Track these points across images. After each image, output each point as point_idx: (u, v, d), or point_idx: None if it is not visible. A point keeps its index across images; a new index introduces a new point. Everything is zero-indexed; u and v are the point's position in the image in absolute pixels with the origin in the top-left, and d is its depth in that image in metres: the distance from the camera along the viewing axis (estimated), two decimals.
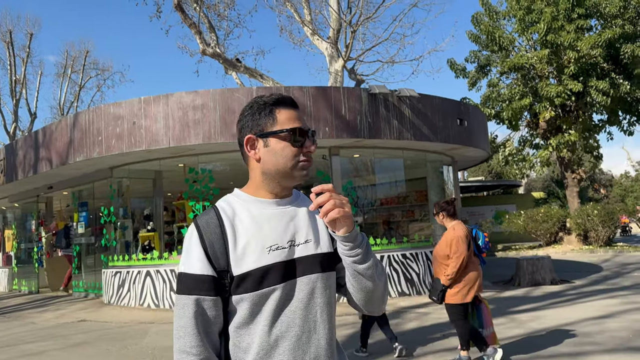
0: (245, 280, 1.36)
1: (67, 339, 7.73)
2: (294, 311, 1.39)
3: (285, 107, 1.47)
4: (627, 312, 7.42)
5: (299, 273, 1.41)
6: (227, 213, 1.44)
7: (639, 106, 20.06)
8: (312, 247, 1.44)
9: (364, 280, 1.41)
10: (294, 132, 1.44)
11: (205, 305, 1.37)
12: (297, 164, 1.45)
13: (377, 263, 1.44)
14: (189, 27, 15.54)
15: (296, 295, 1.40)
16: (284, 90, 9.66)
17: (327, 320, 1.43)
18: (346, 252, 1.39)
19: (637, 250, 18.11)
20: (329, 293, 1.45)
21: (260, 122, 1.46)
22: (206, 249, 1.38)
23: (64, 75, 32.83)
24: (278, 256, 1.39)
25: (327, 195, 1.33)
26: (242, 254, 1.38)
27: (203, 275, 1.37)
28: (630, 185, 50.56)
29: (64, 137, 10.93)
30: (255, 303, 1.37)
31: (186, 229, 10.79)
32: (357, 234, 1.38)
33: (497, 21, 20.86)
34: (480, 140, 12.24)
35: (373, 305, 1.49)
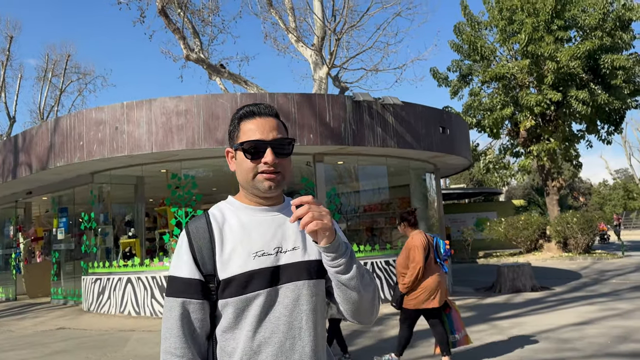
0: (230, 284, 1.39)
1: (46, 347, 7.59)
2: (278, 317, 1.40)
3: (251, 118, 1.49)
4: (605, 318, 7.54)
5: (284, 280, 1.42)
6: (217, 219, 1.48)
7: (617, 116, 20.47)
8: (300, 254, 1.45)
9: (348, 291, 1.40)
10: (247, 144, 1.45)
11: (191, 308, 1.41)
12: (256, 177, 1.45)
13: (363, 274, 1.42)
14: (173, 32, 15.48)
15: (281, 301, 1.41)
16: (268, 97, 9.66)
17: (312, 328, 1.43)
18: (328, 262, 1.38)
19: (615, 257, 18.42)
20: (316, 300, 1.45)
21: (232, 135, 1.53)
22: (194, 253, 1.42)
23: (45, 79, 32.41)
24: (263, 262, 1.41)
25: (306, 208, 1.32)
26: (228, 259, 1.41)
27: (190, 279, 1.41)
28: (608, 193, 51.50)
29: (44, 141, 10.78)
30: (239, 308, 1.39)
31: (168, 235, 10.75)
32: (339, 244, 1.36)
33: (479, 31, 21.16)
34: (462, 148, 12.37)
35: (361, 316, 1.47)
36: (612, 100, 18.70)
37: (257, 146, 1.44)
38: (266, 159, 1.43)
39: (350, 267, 1.38)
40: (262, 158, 1.44)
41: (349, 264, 1.37)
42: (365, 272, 1.44)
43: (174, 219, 10.19)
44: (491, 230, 21.11)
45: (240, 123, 1.50)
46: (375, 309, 1.48)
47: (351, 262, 1.38)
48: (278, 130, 1.48)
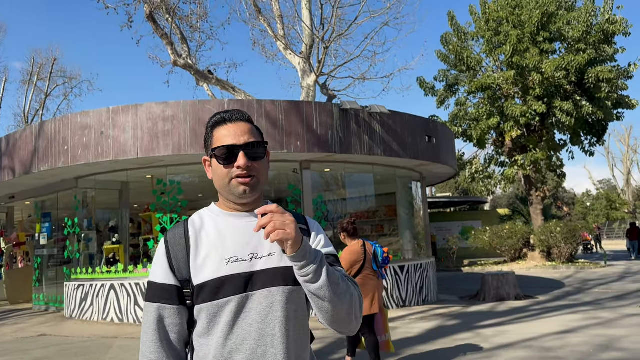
0: (203, 290, 1.40)
1: (26, 354, 7.47)
2: (250, 324, 1.39)
3: (222, 124, 1.49)
4: (588, 327, 7.62)
5: (258, 286, 1.40)
6: (195, 226, 1.50)
7: (600, 128, 20.79)
8: (275, 261, 1.43)
9: (319, 300, 1.37)
10: (219, 151, 1.45)
11: (166, 313, 1.44)
12: (231, 181, 1.45)
13: (337, 283, 1.37)
14: (161, 37, 15.44)
15: (254, 308, 1.40)
16: (255, 103, 9.67)
17: (286, 335, 1.41)
18: (296, 271, 1.35)
19: (597, 267, 18.65)
20: (291, 307, 1.43)
21: (207, 144, 1.53)
22: (170, 260, 1.45)
23: (30, 83, 32.07)
24: (236, 268, 1.41)
25: (268, 217, 1.30)
26: (201, 264, 1.42)
27: (165, 284, 1.44)
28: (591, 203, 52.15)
29: (28, 145, 10.66)
30: (211, 314, 1.40)
31: (152, 241, 10.66)
32: (305, 254, 1.32)
33: (465, 42, 21.40)
34: (448, 157, 12.47)
35: (338, 325, 1.43)
36: (596, 111, 19.00)
37: (229, 151, 1.44)
38: (238, 163, 1.43)
39: (319, 277, 1.33)
40: (234, 163, 1.44)
41: (317, 273, 1.33)
42: (341, 280, 1.39)
43: (159, 225, 10.12)
44: (476, 239, 21.25)
45: (213, 130, 1.51)
46: (353, 319, 1.43)
47: (320, 271, 1.34)
48: (250, 134, 1.48)
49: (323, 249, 1.51)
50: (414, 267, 11.01)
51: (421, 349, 6.68)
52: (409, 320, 9.01)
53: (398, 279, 10.55)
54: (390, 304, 10.33)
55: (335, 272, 1.40)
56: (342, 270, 1.47)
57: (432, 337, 7.36)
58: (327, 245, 1.54)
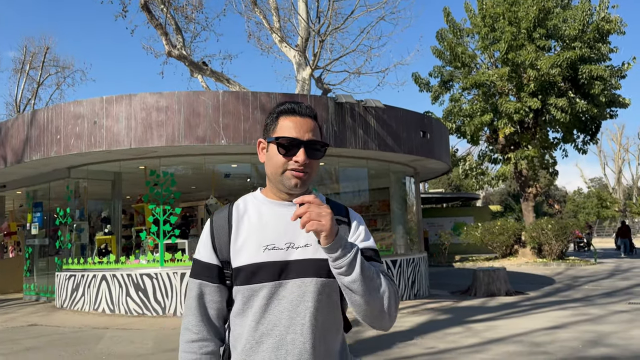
0: (240, 273, 1.46)
1: (17, 343, 7.44)
2: (281, 311, 1.43)
3: (291, 115, 1.52)
4: (577, 323, 7.69)
5: (292, 275, 1.44)
6: (239, 210, 1.55)
7: (593, 126, 20.90)
8: (311, 252, 1.46)
9: (351, 294, 1.39)
10: (283, 140, 1.48)
11: (206, 290, 1.52)
12: (285, 172, 1.48)
13: (371, 277, 1.39)
14: (155, 27, 15.32)
15: (286, 296, 1.43)
16: (250, 95, 9.63)
17: (315, 325, 1.43)
18: (331, 263, 1.38)
19: (587, 264, 18.80)
20: (323, 299, 1.45)
21: (268, 128, 1.56)
22: (213, 240, 1.52)
23: (22, 71, 31.77)
24: (272, 256, 1.45)
25: (305, 207, 1.34)
26: (240, 248, 1.48)
27: (207, 263, 1.52)
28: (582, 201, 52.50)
29: (20, 134, 10.57)
30: (246, 297, 1.45)
31: (145, 232, 10.62)
32: (339, 246, 1.35)
33: (460, 38, 21.40)
34: (442, 153, 12.49)
35: (371, 320, 1.44)
36: (590, 108, 19.08)
37: (292, 144, 1.47)
38: (298, 158, 1.46)
39: (352, 270, 1.36)
40: (294, 156, 1.47)
41: (350, 267, 1.36)
42: (376, 276, 1.41)
43: (152, 217, 10.08)
44: (468, 235, 21.36)
45: (279, 118, 1.53)
46: (387, 316, 1.43)
47: (354, 265, 1.36)
48: (314, 132, 1.52)
49: (362, 242, 1.52)
50: (406, 261, 11.05)
51: (412, 342, 6.71)
52: (400, 314, 9.05)
53: (390, 274, 10.58)
54: None
55: (370, 267, 1.41)
56: (380, 265, 1.48)
57: (424, 331, 7.40)
58: (367, 238, 1.54)
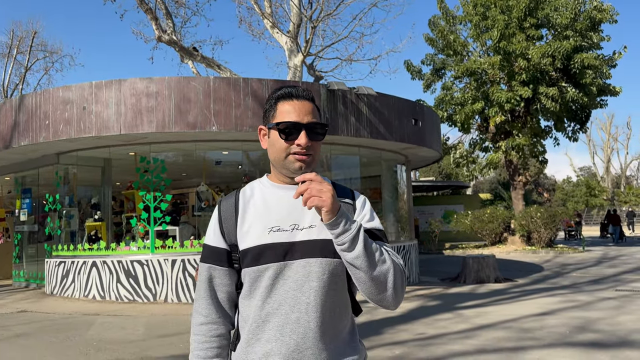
0: (247, 256, 1.49)
1: (7, 329, 7.41)
2: (287, 290, 1.46)
3: (289, 99, 1.53)
4: (565, 309, 7.80)
5: (297, 255, 1.46)
6: (245, 195, 1.59)
7: (583, 114, 21.02)
8: (315, 233, 1.48)
9: (355, 270, 1.41)
10: (283, 125, 1.49)
11: (215, 273, 1.56)
12: (288, 157, 1.50)
13: (373, 254, 1.41)
14: (145, 12, 15.14)
15: (291, 276, 1.46)
16: (242, 81, 9.56)
17: (320, 305, 1.45)
18: (334, 240, 1.40)
19: (576, 252, 19.02)
20: (328, 279, 1.46)
21: (267, 114, 1.57)
22: (222, 225, 1.56)
23: (9, 56, 31.31)
24: (277, 237, 1.48)
25: (306, 185, 1.37)
26: (246, 232, 1.51)
27: (216, 247, 1.56)
28: (571, 190, 52.99)
29: (8, 119, 10.43)
30: (253, 278, 1.48)
31: (135, 219, 10.57)
32: (341, 222, 1.38)
33: (453, 25, 21.34)
34: (433, 141, 12.52)
35: (376, 298, 1.45)
36: (581, 96, 19.16)
37: (293, 128, 1.49)
38: (300, 141, 1.48)
39: (354, 246, 1.38)
40: (295, 140, 1.48)
41: (353, 243, 1.38)
42: (379, 253, 1.42)
43: (142, 203, 10.03)
44: (458, 223, 21.50)
45: (277, 103, 1.54)
46: (392, 292, 1.44)
47: (356, 241, 1.38)
48: (313, 114, 1.52)
49: (367, 222, 1.54)
50: (396, 249, 11.11)
51: (403, 328, 6.77)
52: None
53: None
54: None
55: (374, 244, 1.43)
56: (385, 244, 1.49)
57: (414, 317, 7.46)
58: (372, 219, 1.56)
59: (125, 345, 6.26)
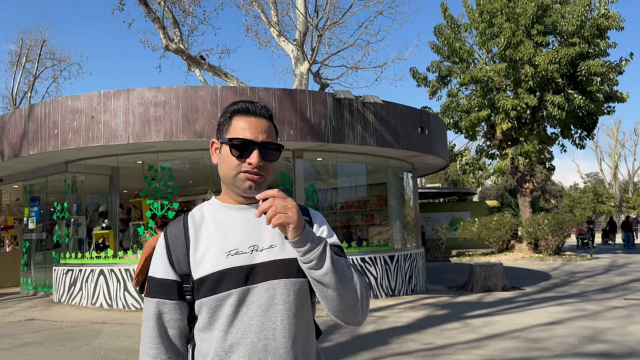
0: (203, 284, 1.37)
1: (15, 338, 7.44)
2: (251, 317, 1.37)
3: (245, 115, 1.46)
4: (574, 319, 7.74)
5: (259, 279, 1.38)
6: (195, 220, 1.47)
7: (590, 121, 20.95)
8: (277, 253, 1.40)
9: (323, 288, 1.34)
10: (236, 142, 1.42)
11: (165, 308, 1.42)
12: (238, 175, 1.42)
13: (342, 270, 1.35)
14: (153, 21, 15.24)
15: (255, 301, 1.37)
16: (249, 90, 9.61)
17: (288, 329, 1.38)
18: (300, 257, 1.34)
19: (584, 259, 18.90)
20: (294, 300, 1.40)
21: (221, 128, 1.49)
22: (170, 254, 1.43)
23: (18, 64, 31.60)
24: (236, 261, 1.38)
25: (270, 202, 1.29)
26: (201, 258, 1.40)
27: (164, 279, 1.43)
28: (578, 196, 52.69)
29: (17, 128, 10.53)
30: (212, 308, 1.37)
31: (142, 227, 10.62)
32: (308, 239, 1.32)
33: (458, 33, 21.36)
34: (439, 148, 12.51)
35: (345, 315, 1.40)
36: (588, 103, 19.10)
37: (246, 145, 1.42)
38: (251, 160, 1.41)
39: (323, 263, 1.32)
40: (247, 158, 1.41)
41: (321, 259, 1.32)
42: (346, 268, 1.37)
43: (149, 211, 10.07)
44: (464, 230, 21.41)
45: (233, 117, 1.47)
46: (360, 308, 1.40)
47: (324, 257, 1.32)
48: (269, 133, 1.46)
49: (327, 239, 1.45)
50: (403, 257, 11.09)
51: (410, 338, 6.75)
52: (397, 309, 9.09)
53: (387, 269, 10.63)
54: (380, 293, 10.40)
55: (339, 259, 1.38)
56: (347, 260, 1.45)
57: (422, 327, 7.44)
58: (330, 235, 1.50)
59: (133, 354, 6.27)
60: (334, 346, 6.41)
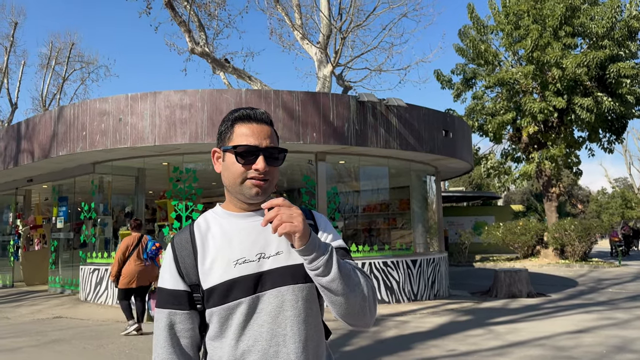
0: (213, 294, 1.39)
1: (43, 335, 7.61)
2: (261, 325, 1.39)
3: (246, 122, 1.46)
4: (602, 327, 7.57)
5: (267, 286, 1.39)
6: (201, 229, 1.48)
7: (619, 125, 20.49)
8: (283, 259, 1.42)
9: (330, 294, 1.35)
10: (241, 149, 1.42)
11: (176, 318, 1.43)
12: (244, 182, 1.43)
13: (349, 275, 1.36)
14: (179, 25, 15.44)
15: (264, 308, 1.39)
16: (272, 93, 9.66)
17: (298, 334, 1.40)
18: (306, 265, 1.34)
19: (612, 266, 18.47)
20: (303, 305, 1.41)
21: (223, 136, 1.49)
22: (178, 265, 1.44)
23: (48, 67, 32.32)
24: (244, 270, 1.39)
25: (275, 211, 1.29)
26: (209, 268, 1.41)
27: (174, 290, 1.44)
28: (606, 201, 51.54)
29: (47, 130, 10.77)
30: (223, 317, 1.39)
31: (167, 228, 10.75)
32: (314, 246, 1.31)
33: (484, 35, 21.13)
34: (464, 152, 12.38)
35: (352, 319, 1.41)
36: (617, 106, 18.69)
37: (251, 152, 1.42)
38: (257, 166, 1.41)
39: (330, 269, 1.32)
40: (253, 164, 1.42)
41: (327, 266, 1.32)
42: (353, 272, 1.38)
43: (174, 212, 10.20)
44: (489, 235, 21.14)
45: (235, 125, 1.47)
46: (367, 312, 1.41)
47: (330, 264, 1.33)
48: (271, 138, 1.47)
49: (332, 242, 1.48)
50: (426, 261, 10.99)
51: (433, 343, 6.69)
52: (420, 314, 9.02)
53: (410, 273, 10.55)
54: (402, 297, 10.33)
55: (346, 264, 1.38)
56: (353, 262, 1.45)
57: (445, 332, 7.36)
58: (336, 238, 1.50)
59: None
60: (356, 350, 6.39)
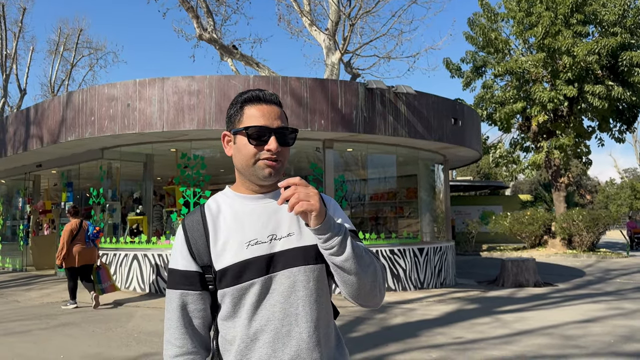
0: (225, 275, 1.40)
1: (52, 318, 7.69)
2: (273, 304, 1.40)
3: (256, 103, 1.47)
4: (610, 317, 7.55)
5: (279, 267, 1.41)
6: (212, 211, 1.49)
7: (630, 114, 20.27)
8: (295, 240, 1.44)
9: (343, 274, 1.37)
10: (252, 130, 1.43)
11: (189, 299, 1.45)
12: (257, 163, 1.43)
13: (361, 255, 1.38)
14: (187, 10, 15.39)
15: (277, 288, 1.41)
16: (281, 80, 9.62)
17: (309, 314, 1.42)
18: (321, 244, 1.36)
19: (619, 256, 18.38)
20: (314, 286, 1.43)
21: (232, 119, 1.49)
22: (190, 246, 1.46)
23: (56, 53, 32.35)
24: (257, 251, 1.41)
25: (292, 189, 1.30)
26: (222, 250, 1.43)
27: (186, 271, 1.45)
28: (614, 192, 51.19)
29: (56, 115, 10.80)
30: (236, 297, 1.40)
31: (175, 214, 10.79)
32: (330, 226, 1.33)
33: (495, 22, 20.89)
34: (472, 140, 12.30)
35: (362, 299, 1.43)
36: (628, 95, 18.46)
37: (262, 132, 1.43)
38: (270, 147, 1.42)
39: (344, 249, 1.34)
40: (265, 145, 1.42)
41: (342, 246, 1.34)
42: (364, 253, 1.40)
43: (182, 199, 10.22)
44: (496, 224, 21.09)
45: (244, 107, 1.47)
46: (378, 291, 1.43)
47: (345, 243, 1.34)
48: (281, 119, 1.47)
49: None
50: (433, 250, 10.98)
51: (439, 331, 6.70)
52: (426, 302, 9.03)
53: (417, 261, 10.55)
54: (408, 285, 10.34)
55: (359, 245, 1.40)
56: (362, 245, 1.46)
57: (451, 320, 7.37)
58: (346, 221, 1.51)
59: None
60: (362, 336, 6.41)
